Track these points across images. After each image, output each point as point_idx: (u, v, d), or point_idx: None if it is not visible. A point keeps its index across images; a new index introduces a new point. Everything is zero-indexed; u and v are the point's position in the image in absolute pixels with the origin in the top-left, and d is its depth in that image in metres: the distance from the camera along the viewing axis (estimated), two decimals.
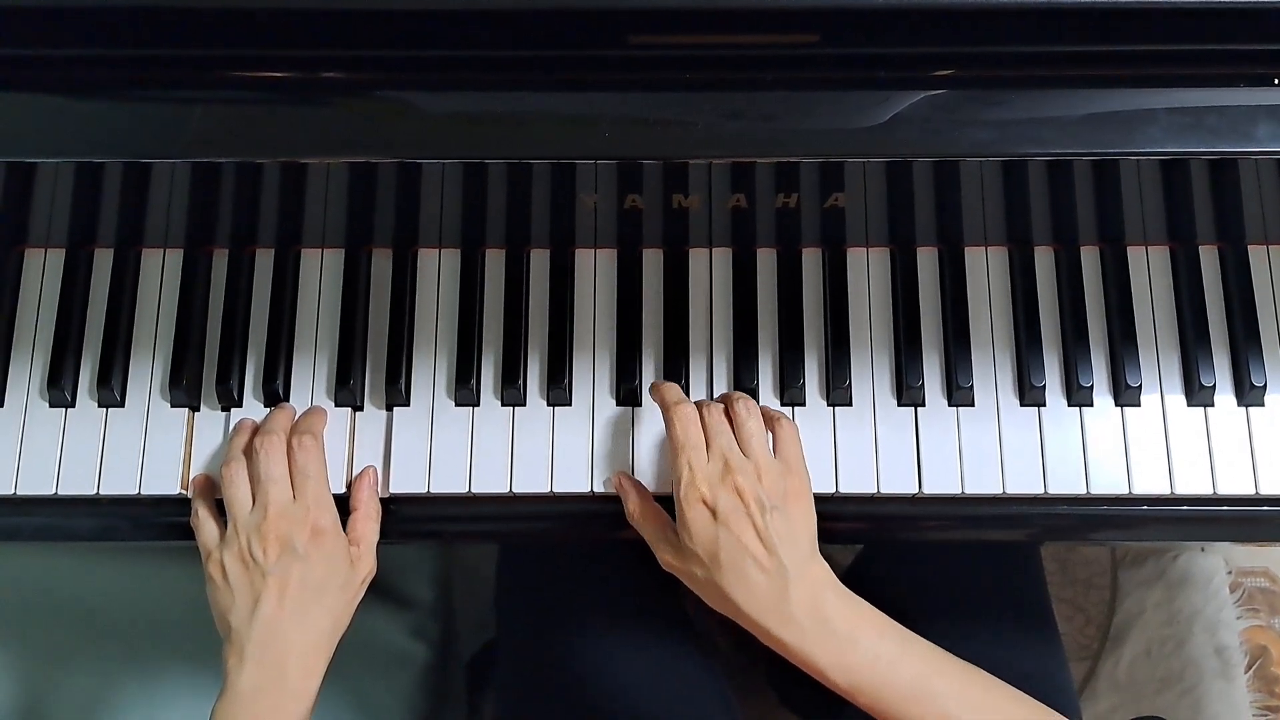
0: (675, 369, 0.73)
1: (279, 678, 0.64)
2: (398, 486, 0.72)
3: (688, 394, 0.73)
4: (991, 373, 0.73)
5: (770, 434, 0.68)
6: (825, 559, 0.66)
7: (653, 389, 0.70)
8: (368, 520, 0.70)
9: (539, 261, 0.76)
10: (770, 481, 0.65)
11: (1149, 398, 0.73)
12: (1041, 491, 0.71)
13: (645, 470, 0.72)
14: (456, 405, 0.73)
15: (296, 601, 0.65)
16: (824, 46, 0.60)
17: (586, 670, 0.81)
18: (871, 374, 0.73)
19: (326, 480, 0.69)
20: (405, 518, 0.73)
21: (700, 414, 0.68)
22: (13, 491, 0.71)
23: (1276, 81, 0.59)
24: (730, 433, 0.67)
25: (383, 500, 0.72)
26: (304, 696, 0.65)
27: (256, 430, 0.71)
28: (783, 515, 0.64)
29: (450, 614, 1.00)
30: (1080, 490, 0.71)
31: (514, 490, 0.71)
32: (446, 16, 0.59)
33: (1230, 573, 1.25)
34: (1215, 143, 0.59)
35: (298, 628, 0.65)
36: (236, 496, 0.68)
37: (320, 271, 0.76)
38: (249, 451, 0.69)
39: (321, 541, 0.67)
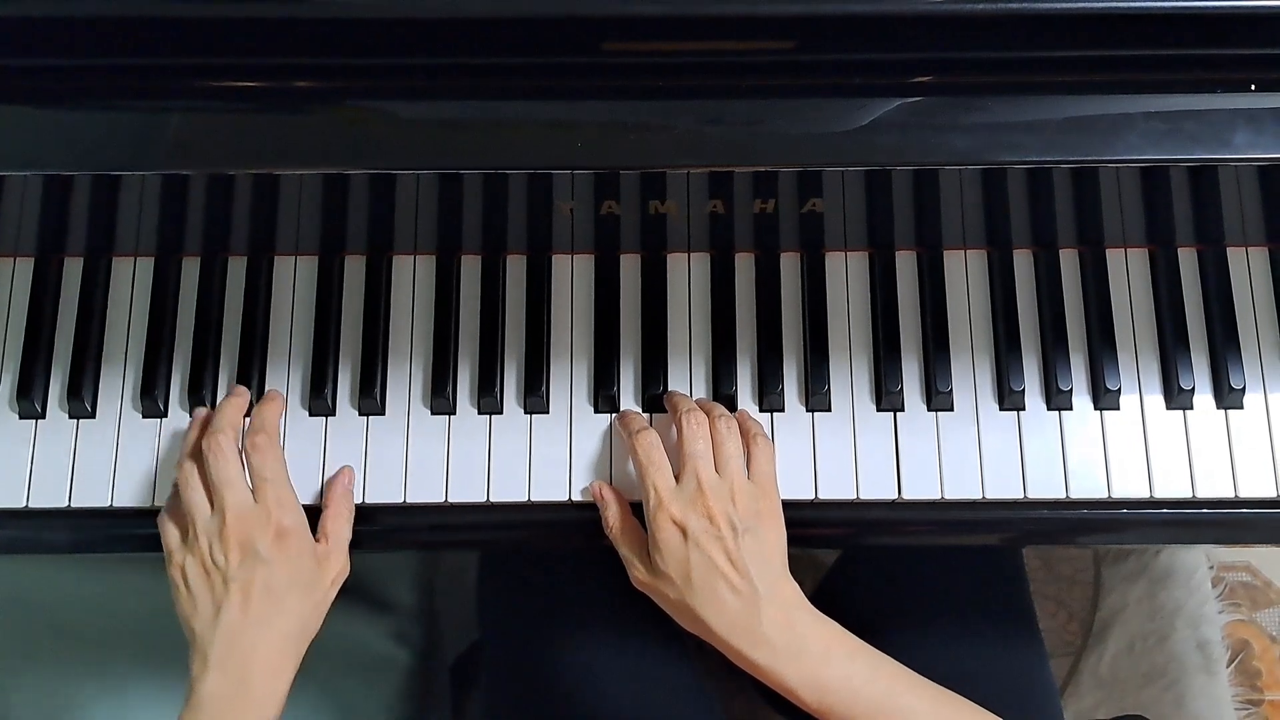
0: (653, 375, 0.73)
1: (243, 684, 0.63)
2: (374, 496, 0.71)
3: None
4: (970, 377, 0.73)
5: (745, 451, 0.68)
6: (808, 561, 0.66)
7: (618, 420, 0.71)
8: (338, 519, 0.69)
9: (515, 267, 0.75)
10: (743, 503, 0.65)
11: (1128, 401, 0.73)
12: (1021, 496, 0.71)
13: (623, 477, 0.71)
14: (433, 414, 0.72)
15: (260, 607, 0.64)
16: (801, 53, 0.59)
17: (569, 672, 0.81)
18: (850, 379, 0.73)
19: (287, 479, 0.67)
20: (383, 527, 0.72)
21: (680, 423, 0.67)
22: None
23: (1254, 87, 0.59)
24: (709, 451, 0.67)
25: (360, 509, 0.71)
26: (269, 703, 0.64)
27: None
28: (754, 537, 0.64)
29: (433, 618, 1.00)
30: (1060, 494, 0.71)
31: (492, 499, 0.71)
32: (419, 25, 0.59)
33: (1212, 568, 1.25)
34: (1193, 149, 0.59)
35: (262, 633, 0.64)
36: (194, 500, 0.66)
37: (294, 279, 0.75)
38: (198, 452, 0.67)
39: (286, 543, 0.65)
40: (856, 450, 0.72)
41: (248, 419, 0.70)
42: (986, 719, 0.63)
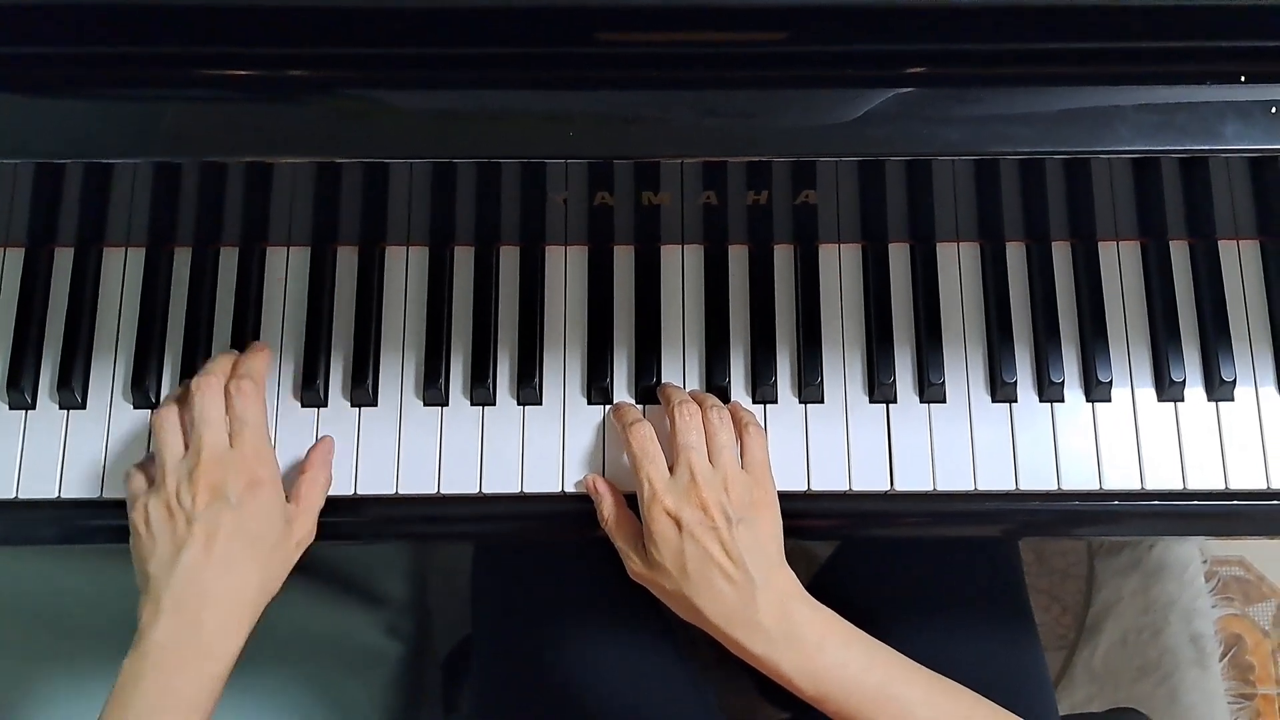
0: (647, 367, 0.73)
1: (194, 633, 0.60)
2: (366, 487, 0.71)
3: None
4: (963, 369, 0.73)
5: (738, 441, 0.68)
6: (802, 554, 0.66)
7: (613, 411, 0.71)
8: (313, 484, 0.67)
9: (509, 259, 0.75)
10: (737, 493, 0.65)
11: (1120, 393, 0.73)
12: (1013, 488, 0.71)
13: (616, 468, 0.71)
14: (425, 405, 0.72)
15: (223, 552, 0.61)
16: (793, 44, 0.59)
17: (562, 666, 0.81)
18: (843, 371, 0.73)
19: (266, 431, 0.66)
20: (375, 518, 0.72)
21: (674, 415, 0.68)
22: None
23: (1244, 79, 0.59)
24: (702, 442, 0.67)
25: (352, 500, 0.71)
26: (220, 658, 0.61)
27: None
28: (748, 527, 0.64)
29: (425, 611, 1.00)
30: (1052, 486, 0.71)
31: (484, 490, 0.71)
32: (413, 14, 0.59)
33: (1205, 562, 1.26)
34: (1184, 141, 0.59)
35: (221, 580, 0.61)
36: (167, 441, 0.64)
37: (286, 269, 0.75)
38: (184, 399, 0.66)
39: (258, 493, 0.63)
40: (849, 441, 0.72)
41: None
42: (981, 703, 0.63)
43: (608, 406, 0.72)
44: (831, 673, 0.62)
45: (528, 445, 0.72)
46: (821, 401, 0.73)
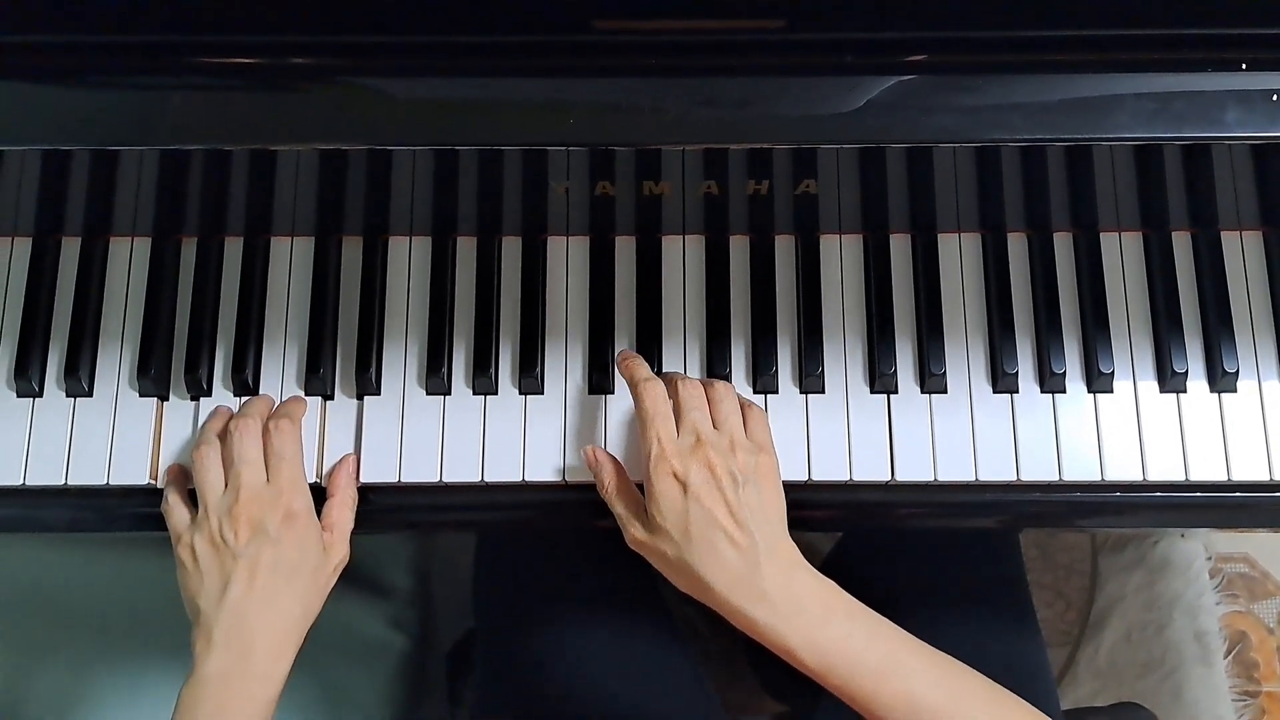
0: (648, 357, 0.73)
1: (246, 661, 0.64)
2: (369, 476, 0.71)
3: None
4: (964, 359, 0.73)
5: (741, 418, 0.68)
6: (804, 547, 0.66)
7: (621, 363, 0.69)
8: (343, 508, 0.70)
9: (511, 249, 0.75)
10: (742, 457, 0.65)
11: (1121, 384, 0.73)
12: (1014, 479, 0.71)
13: (618, 455, 0.71)
14: (428, 394, 0.73)
15: (266, 585, 0.65)
16: (792, 32, 0.59)
17: (564, 658, 0.82)
18: (844, 361, 0.73)
19: (302, 464, 0.69)
20: (377, 507, 0.72)
21: (675, 387, 0.67)
22: None
23: (1245, 66, 0.59)
24: (705, 406, 0.66)
25: (357, 490, 0.71)
26: (271, 681, 0.64)
27: (233, 415, 0.70)
28: (755, 489, 0.64)
29: (429, 603, 1.00)
30: (1053, 477, 0.71)
31: (486, 479, 0.71)
32: (416, 2, 0.59)
33: (1210, 558, 1.25)
34: (1185, 128, 0.59)
35: (267, 611, 0.64)
36: (208, 479, 0.67)
37: (290, 260, 0.75)
38: (223, 435, 0.69)
39: (294, 525, 0.66)
40: (850, 432, 0.72)
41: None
42: (984, 683, 0.63)
43: (608, 396, 0.73)
44: (836, 646, 0.61)
45: (529, 434, 0.72)
46: (822, 392, 0.73)
